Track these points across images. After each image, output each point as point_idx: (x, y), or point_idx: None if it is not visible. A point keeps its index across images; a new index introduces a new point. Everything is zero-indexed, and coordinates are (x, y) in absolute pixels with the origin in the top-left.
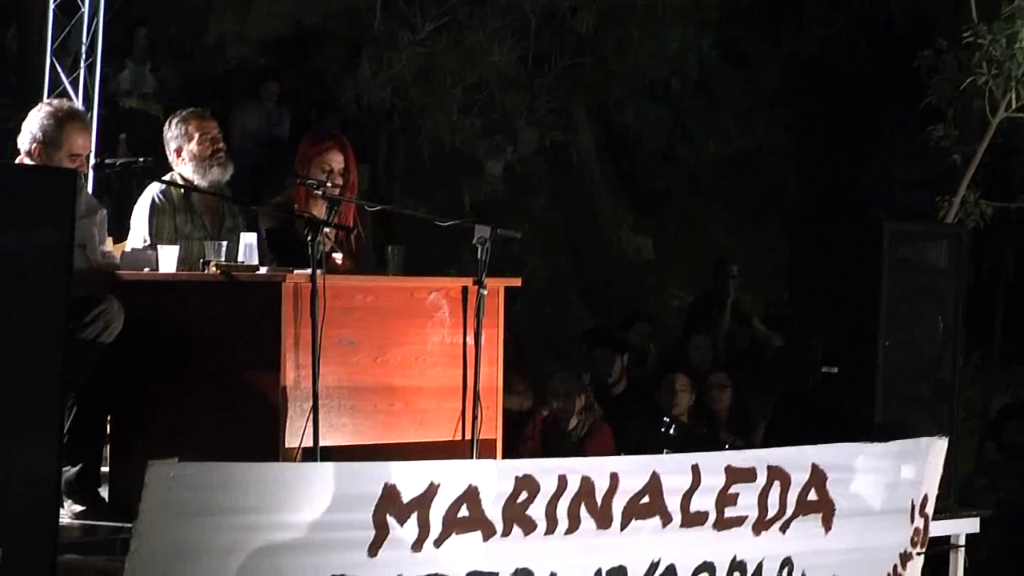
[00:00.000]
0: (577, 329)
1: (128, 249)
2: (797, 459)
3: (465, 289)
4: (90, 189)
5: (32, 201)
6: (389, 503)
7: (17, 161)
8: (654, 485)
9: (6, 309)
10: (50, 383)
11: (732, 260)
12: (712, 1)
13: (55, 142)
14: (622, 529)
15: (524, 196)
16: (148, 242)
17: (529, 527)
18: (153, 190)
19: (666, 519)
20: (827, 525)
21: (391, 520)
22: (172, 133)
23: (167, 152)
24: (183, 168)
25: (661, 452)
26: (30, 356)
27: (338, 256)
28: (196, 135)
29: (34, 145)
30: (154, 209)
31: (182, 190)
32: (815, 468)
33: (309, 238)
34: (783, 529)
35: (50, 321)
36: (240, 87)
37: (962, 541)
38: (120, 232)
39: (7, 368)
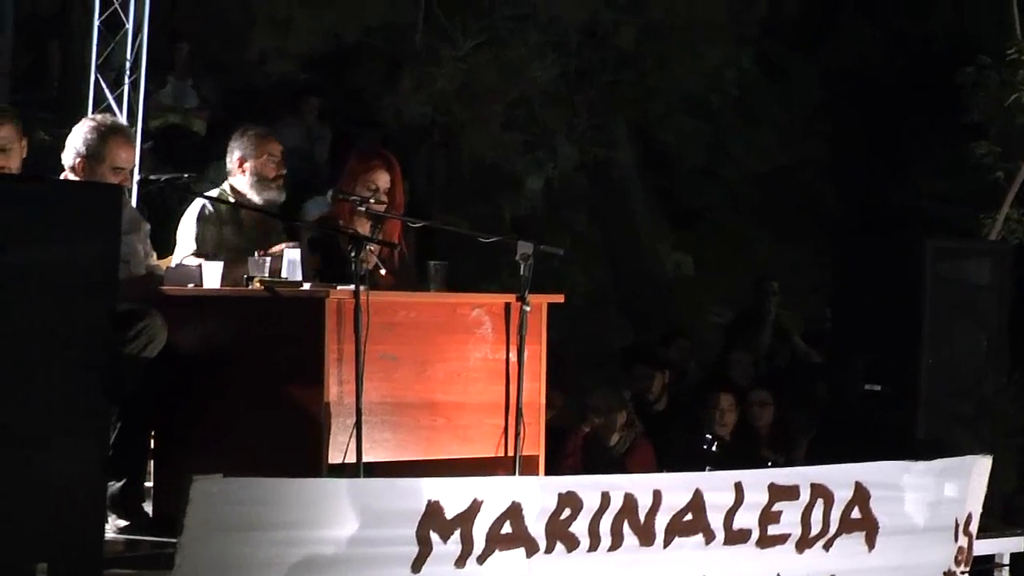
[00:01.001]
0: (616, 345)
1: (174, 261)
2: (840, 477)
3: (508, 305)
4: (134, 204)
5: (78, 216)
6: (432, 519)
7: (62, 177)
8: (697, 502)
9: (52, 323)
10: (95, 397)
11: (772, 276)
12: (751, 17)
13: (98, 155)
14: (665, 546)
15: (564, 212)
16: (194, 249)
17: (572, 544)
18: (202, 200)
19: (709, 536)
20: (870, 543)
21: (434, 536)
22: (240, 143)
23: (228, 160)
24: (239, 179)
25: (703, 469)
26: (76, 371)
27: (381, 270)
28: (265, 154)
29: (78, 160)
30: (202, 216)
31: (232, 203)
32: (859, 486)
33: (353, 254)
34: (826, 547)
35: (95, 335)
36: (280, 103)
37: (1006, 560)
38: (161, 248)
39: (53, 383)
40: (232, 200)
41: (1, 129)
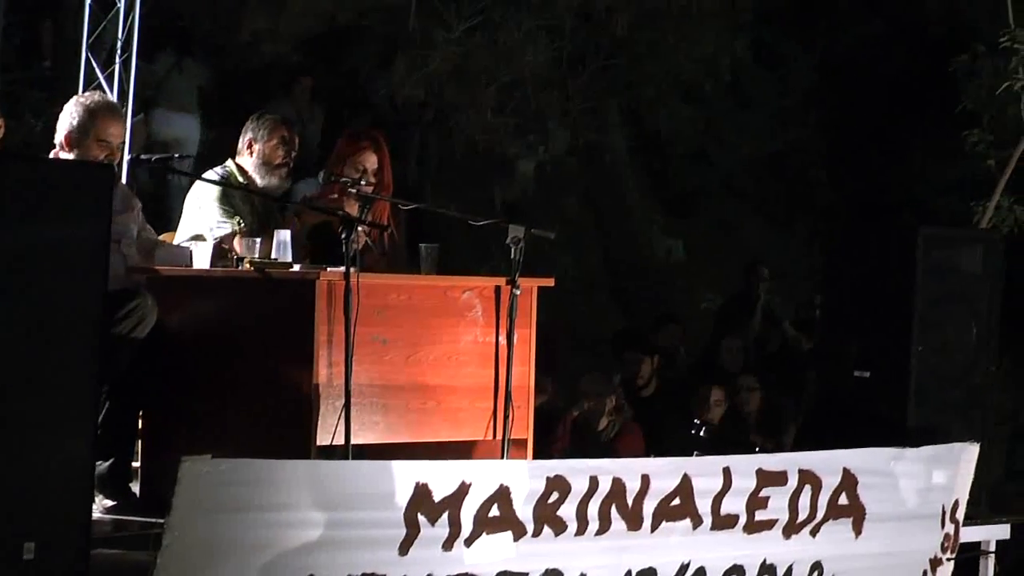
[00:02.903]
0: (607, 330)
1: (179, 234)
2: (828, 463)
3: (498, 289)
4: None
5: (69, 195)
6: (420, 502)
7: (52, 155)
8: (685, 487)
9: (42, 303)
10: (85, 377)
11: (763, 262)
12: (746, 3)
13: (84, 129)
14: (652, 531)
15: (555, 196)
16: (223, 221)
17: (560, 528)
18: (211, 175)
19: (697, 521)
20: (857, 529)
21: (422, 519)
22: (254, 125)
23: (240, 140)
24: (246, 160)
25: (691, 454)
26: (65, 350)
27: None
28: (276, 138)
29: (65, 136)
30: (223, 193)
31: (239, 176)
32: (846, 472)
33: (343, 236)
34: (813, 533)
35: (86, 315)
36: (273, 84)
37: (993, 547)
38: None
39: (42, 362)
40: (242, 181)
41: None
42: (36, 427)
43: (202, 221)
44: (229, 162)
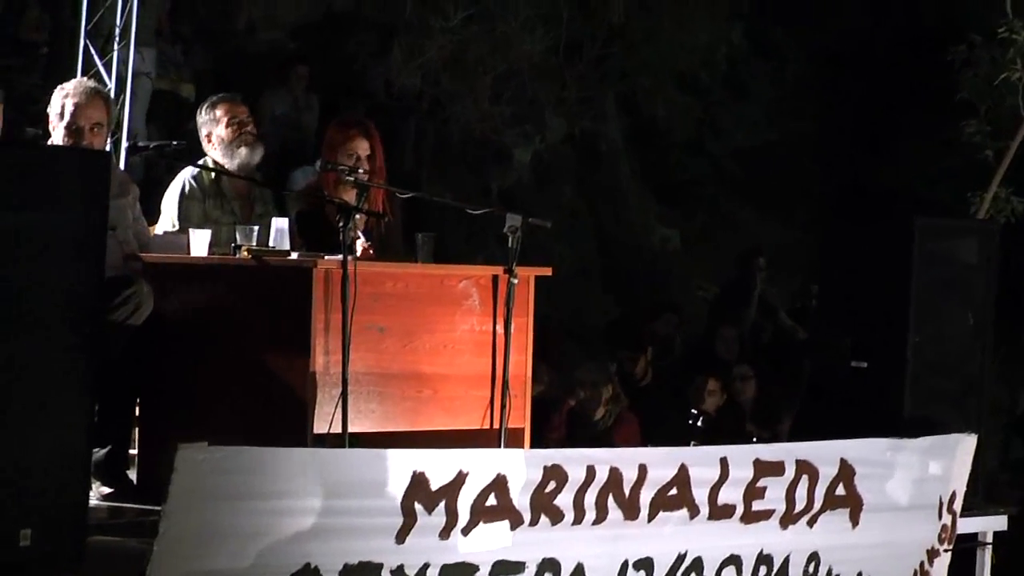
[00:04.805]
0: (603, 319)
1: (159, 232)
2: (826, 453)
3: (495, 277)
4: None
5: (65, 181)
6: (417, 490)
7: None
8: (682, 477)
9: (38, 289)
10: (81, 364)
11: (758, 252)
12: None
13: (58, 112)
14: (649, 520)
15: (551, 185)
16: (177, 227)
17: (556, 517)
18: (184, 175)
19: (694, 511)
20: (855, 520)
21: (419, 507)
22: (203, 118)
23: (200, 137)
24: (213, 153)
25: (688, 444)
26: (62, 337)
27: (359, 243)
28: (224, 119)
29: (49, 121)
30: (183, 194)
31: (213, 175)
32: (844, 463)
33: (341, 224)
34: (810, 523)
35: (82, 302)
36: (270, 71)
37: (989, 538)
38: (149, 215)
39: (39, 349)
40: (213, 172)
41: None
42: (32, 414)
43: (164, 221)
44: (207, 158)
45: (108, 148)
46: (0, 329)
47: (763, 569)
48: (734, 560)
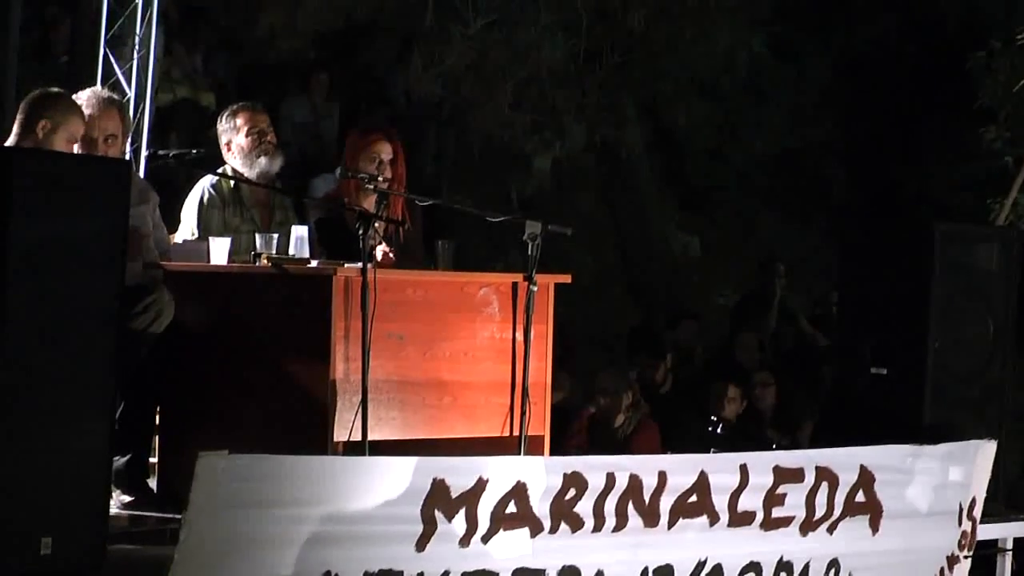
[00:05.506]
0: (624, 326)
1: (179, 241)
2: (846, 460)
3: (515, 285)
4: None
5: (86, 189)
6: (437, 498)
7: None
8: (702, 484)
9: (60, 297)
10: (102, 372)
11: (779, 259)
12: None
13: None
14: (669, 528)
15: (572, 192)
16: (196, 235)
17: (576, 524)
18: (204, 184)
19: (713, 518)
20: (874, 527)
21: (439, 515)
22: (223, 127)
23: (220, 145)
24: (233, 161)
25: (708, 451)
26: (83, 345)
27: (378, 251)
28: (244, 128)
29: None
30: (202, 203)
31: (232, 183)
32: (863, 469)
33: (361, 231)
34: (830, 530)
35: (103, 309)
36: (290, 80)
37: (1010, 545)
38: (169, 223)
39: (60, 357)
40: (233, 180)
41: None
42: (53, 422)
43: (184, 229)
44: (223, 168)
45: (128, 156)
46: (21, 337)
47: (783, 575)
48: (754, 567)
